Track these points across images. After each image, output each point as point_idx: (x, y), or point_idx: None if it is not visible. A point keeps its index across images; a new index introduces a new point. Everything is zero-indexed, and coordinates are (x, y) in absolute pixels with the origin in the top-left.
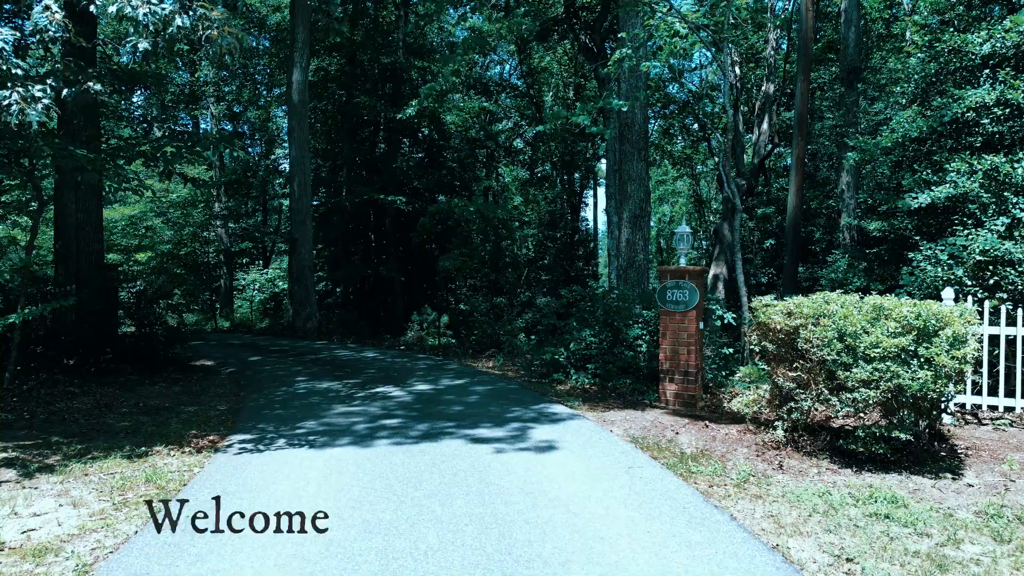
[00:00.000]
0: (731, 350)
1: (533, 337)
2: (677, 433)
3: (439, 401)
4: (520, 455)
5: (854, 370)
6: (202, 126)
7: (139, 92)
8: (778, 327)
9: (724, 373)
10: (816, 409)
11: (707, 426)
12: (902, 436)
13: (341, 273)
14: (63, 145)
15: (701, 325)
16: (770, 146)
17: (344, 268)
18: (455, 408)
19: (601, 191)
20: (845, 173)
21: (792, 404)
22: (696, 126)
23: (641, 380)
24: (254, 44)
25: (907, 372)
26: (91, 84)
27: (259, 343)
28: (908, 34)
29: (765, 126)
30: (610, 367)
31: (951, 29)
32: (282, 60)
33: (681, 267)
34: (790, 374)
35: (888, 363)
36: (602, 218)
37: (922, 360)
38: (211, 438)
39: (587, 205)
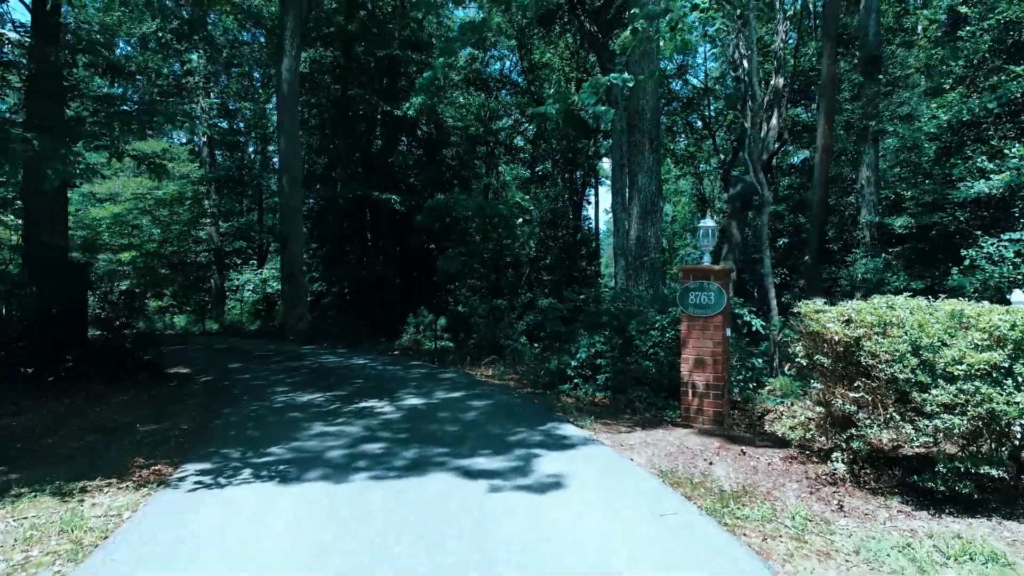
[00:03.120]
0: (760, 360)
1: (536, 345)
2: (711, 463)
3: (431, 419)
4: (524, 496)
5: (933, 391)
6: (197, 122)
7: (119, 84)
8: (835, 338)
9: (752, 386)
10: (882, 437)
11: (743, 453)
12: (993, 472)
13: (336, 273)
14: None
15: (728, 332)
16: (778, 143)
17: (339, 268)
18: (449, 429)
19: (603, 190)
20: (864, 168)
21: (853, 431)
22: (700, 123)
23: (659, 393)
24: (248, 39)
25: (1001, 394)
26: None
27: (245, 347)
28: (920, 28)
29: (774, 122)
30: (623, 378)
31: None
32: (273, 51)
33: (705, 266)
34: (851, 394)
35: (976, 383)
36: (604, 217)
37: (1019, 379)
38: (159, 467)
39: (589, 203)
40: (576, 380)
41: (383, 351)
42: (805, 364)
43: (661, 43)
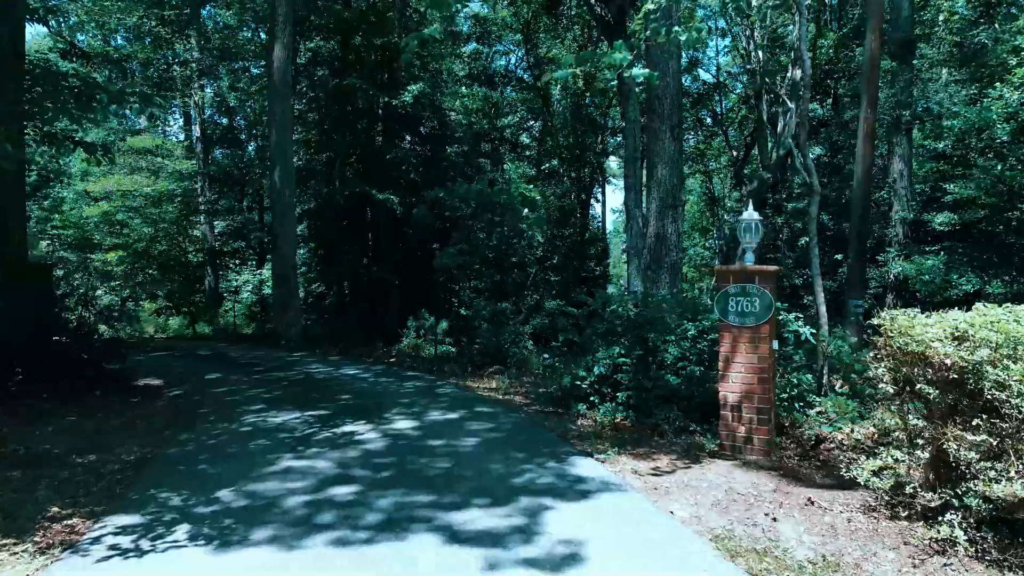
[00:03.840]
0: (808, 375)
1: (547, 357)
2: (773, 518)
3: (420, 450)
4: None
5: None
6: (192, 114)
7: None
8: (945, 361)
9: (799, 406)
10: (1012, 493)
11: (811, 502)
12: None
13: (334, 274)
14: None
15: (775, 345)
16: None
17: (338, 268)
18: (440, 465)
19: (610, 188)
20: (897, 160)
21: (971, 485)
22: (710, 120)
23: (689, 413)
24: (250, 35)
25: None
26: None
27: (230, 354)
28: (941, 18)
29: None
30: (647, 395)
31: None
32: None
33: (748, 267)
34: (969, 437)
35: None
36: (611, 216)
37: None
38: (75, 521)
39: (598, 201)
40: (593, 398)
41: (379, 358)
42: (893, 392)
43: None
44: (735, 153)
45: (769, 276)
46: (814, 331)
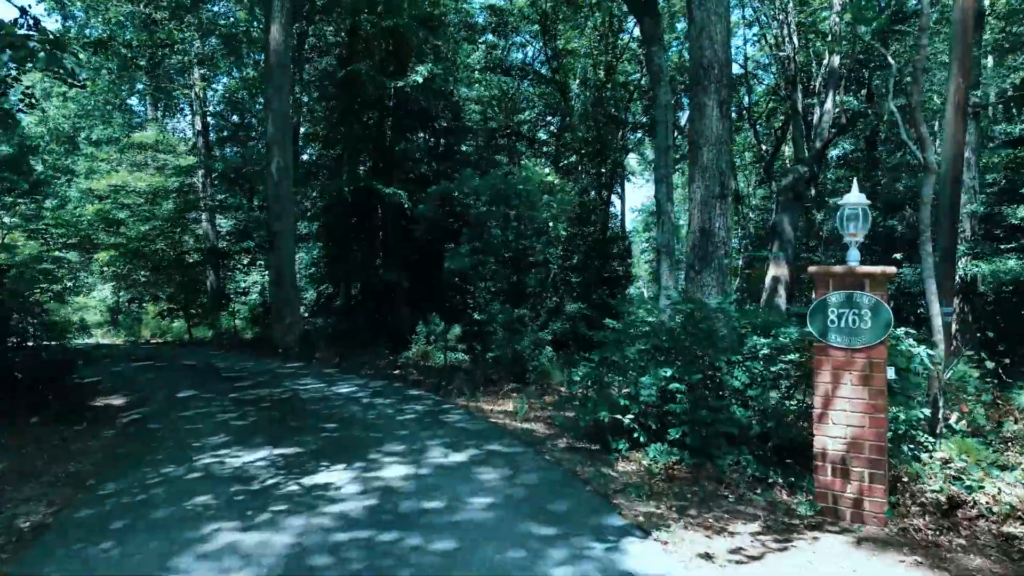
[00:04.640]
0: (926, 411)
1: (575, 373)
2: None
3: (411, 520)
4: None
5: None
6: (194, 106)
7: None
8: None
9: (908, 449)
10: None
11: None
12: None
13: (340, 275)
14: None
15: (891, 373)
16: (835, 129)
17: (345, 266)
18: (436, 547)
19: (629, 187)
20: (964, 148)
21: None
22: (734, 113)
23: (762, 455)
24: (253, 23)
25: None
26: None
27: (218, 364)
28: (987, 2)
29: (828, 105)
30: (706, 432)
31: None
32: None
33: (855, 268)
34: None
35: None
36: (631, 216)
37: None
38: None
39: (619, 197)
40: (637, 435)
41: (382, 368)
42: None
43: None
44: (763, 148)
45: (881, 280)
46: (931, 352)
